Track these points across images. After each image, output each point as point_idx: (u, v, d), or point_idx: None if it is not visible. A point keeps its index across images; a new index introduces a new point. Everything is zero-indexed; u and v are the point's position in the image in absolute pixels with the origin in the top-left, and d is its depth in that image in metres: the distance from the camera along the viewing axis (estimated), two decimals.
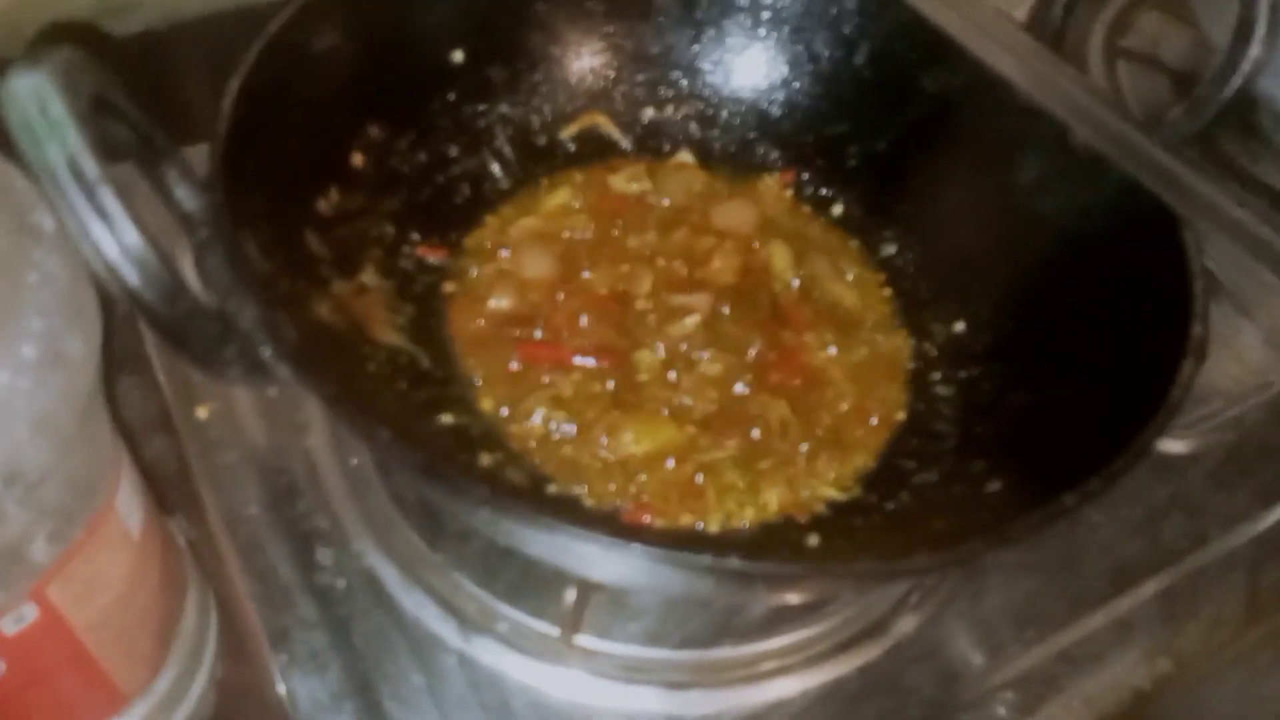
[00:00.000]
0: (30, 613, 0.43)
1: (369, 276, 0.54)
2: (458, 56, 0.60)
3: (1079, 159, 0.53)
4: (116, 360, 0.55)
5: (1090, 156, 0.52)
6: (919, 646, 0.54)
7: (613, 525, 0.34)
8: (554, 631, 0.51)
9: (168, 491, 0.57)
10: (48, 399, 0.40)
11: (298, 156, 0.51)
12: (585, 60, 0.64)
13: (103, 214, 0.32)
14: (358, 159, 0.56)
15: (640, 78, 0.65)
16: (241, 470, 0.56)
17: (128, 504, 0.49)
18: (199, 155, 0.66)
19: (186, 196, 0.42)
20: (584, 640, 0.52)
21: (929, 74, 0.61)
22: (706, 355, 0.56)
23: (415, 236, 0.58)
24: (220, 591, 0.54)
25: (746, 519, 0.51)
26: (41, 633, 0.44)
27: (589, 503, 0.51)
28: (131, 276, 0.32)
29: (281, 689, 0.50)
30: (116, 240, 0.32)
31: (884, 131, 0.63)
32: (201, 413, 0.57)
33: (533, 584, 0.52)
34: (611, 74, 0.65)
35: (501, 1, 0.61)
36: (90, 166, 0.32)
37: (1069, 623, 0.57)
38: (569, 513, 0.46)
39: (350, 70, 0.54)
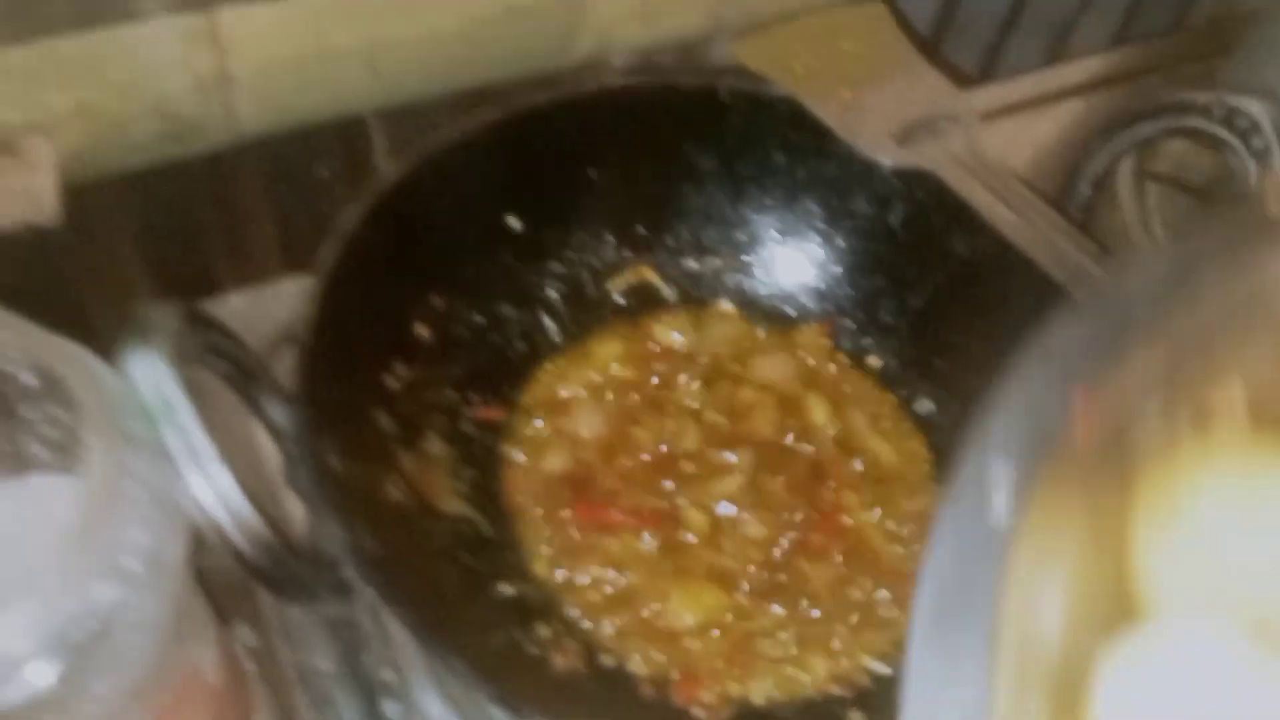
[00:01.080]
0: None
1: (433, 445, 0.57)
2: (514, 223, 0.63)
3: None
4: None
5: None
6: None
7: None
8: None
9: (229, 600, 0.60)
10: (150, 605, 0.43)
11: (369, 341, 0.54)
12: (633, 216, 0.67)
13: (216, 487, 0.35)
14: (421, 330, 0.59)
15: (683, 231, 0.68)
16: (314, 623, 0.59)
17: (210, 658, 0.52)
18: (257, 299, 0.70)
19: (276, 411, 0.45)
20: None
21: (958, 237, 0.63)
22: (749, 516, 0.58)
23: (475, 398, 0.61)
24: (283, 704, 0.57)
25: (792, 690, 0.53)
26: None
27: (642, 672, 0.54)
28: (239, 540, 0.36)
29: None
30: (225, 508, 0.35)
31: (918, 289, 0.66)
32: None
33: None
34: (656, 228, 0.68)
35: (556, 170, 0.64)
36: (201, 441, 0.35)
37: None
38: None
39: (416, 249, 0.58)
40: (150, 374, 0.35)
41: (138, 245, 0.83)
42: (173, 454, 0.35)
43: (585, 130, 0.64)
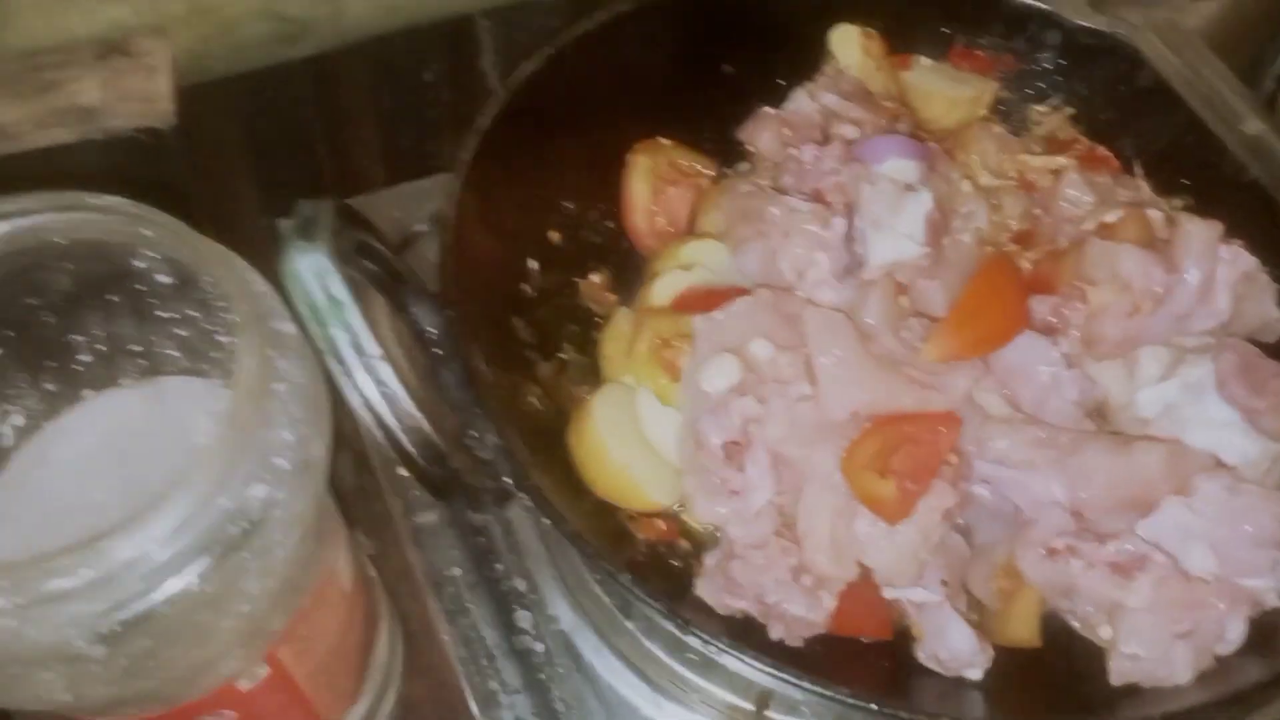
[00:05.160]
0: (262, 671, 0.47)
1: (567, 353, 0.56)
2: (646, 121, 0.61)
3: None
4: None
5: None
6: None
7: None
8: (745, 705, 0.53)
9: (350, 506, 0.60)
10: (298, 503, 0.43)
11: (505, 243, 0.53)
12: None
13: (381, 386, 0.34)
14: (554, 236, 0.57)
15: None
16: (442, 530, 0.58)
17: (343, 561, 0.52)
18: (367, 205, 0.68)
19: (423, 315, 0.44)
20: (775, 715, 0.53)
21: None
22: None
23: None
24: (401, 609, 0.57)
25: None
26: (269, 686, 0.48)
27: None
28: (406, 443, 0.34)
29: None
30: (393, 411, 0.34)
31: None
32: (404, 471, 0.60)
33: None
34: None
35: (690, 59, 0.61)
36: (370, 343, 0.34)
37: None
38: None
39: (548, 149, 0.56)
40: (315, 270, 0.34)
41: (246, 148, 0.82)
42: (338, 351, 0.34)
43: (715, 19, 0.61)
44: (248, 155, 0.83)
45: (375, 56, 0.82)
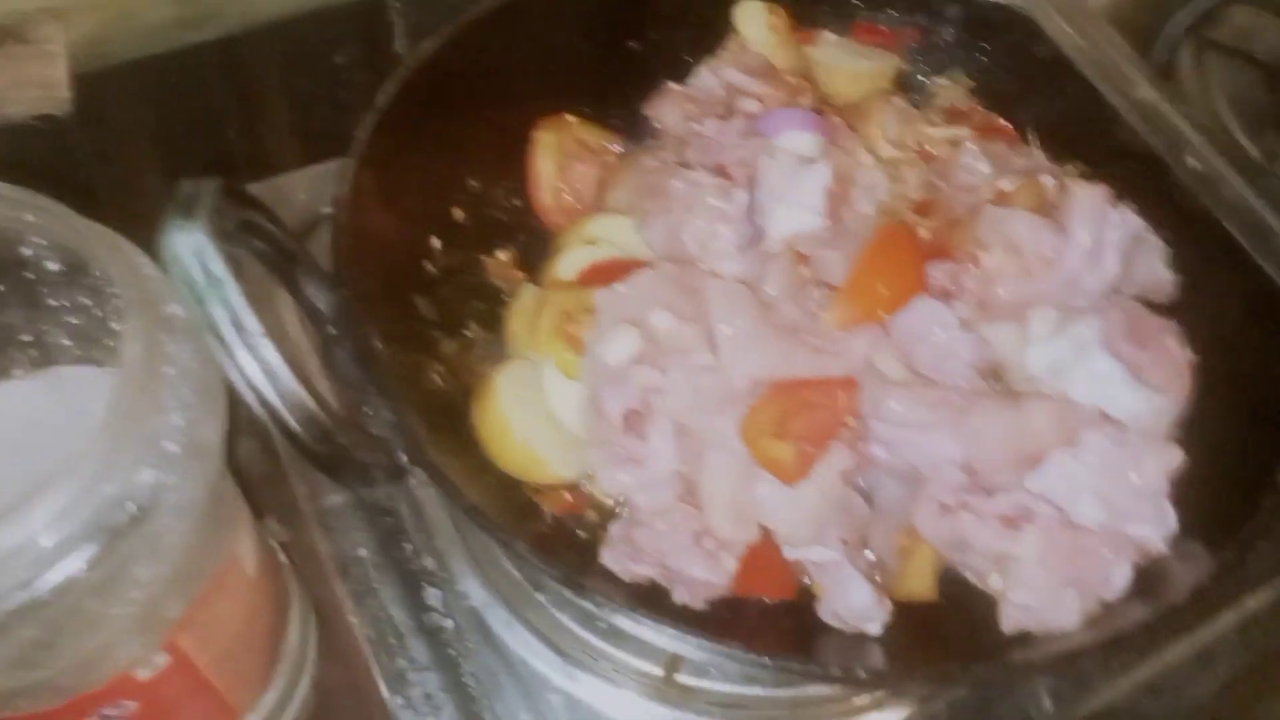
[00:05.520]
0: (162, 660, 0.46)
1: (472, 330, 0.56)
2: (552, 99, 0.60)
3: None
4: None
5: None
6: None
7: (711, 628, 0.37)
8: (655, 671, 0.54)
9: (259, 494, 0.59)
10: (190, 488, 0.43)
11: (405, 222, 0.52)
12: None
13: (264, 364, 0.33)
14: (458, 213, 0.57)
15: None
16: (349, 513, 0.58)
17: (246, 547, 0.52)
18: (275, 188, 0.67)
19: (316, 293, 0.44)
20: (685, 679, 0.54)
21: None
22: None
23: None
24: (315, 594, 0.57)
25: None
26: (171, 675, 0.47)
27: None
28: (290, 420, 0.34)
29: None
30: (276, 388, 0.34)
31: None
32: None
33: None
34: None
35: (592, 37, 0.60)
36: (251, 320, 0.33)
37: None
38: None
39: (450, 128, 0.55)
40: (194, 249, 0.33)
41: (151, 135, 0.80)
42: (218, 330, 0.33)
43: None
44: (154, 140, 0.81)
45: (285, 39, 0.81)
